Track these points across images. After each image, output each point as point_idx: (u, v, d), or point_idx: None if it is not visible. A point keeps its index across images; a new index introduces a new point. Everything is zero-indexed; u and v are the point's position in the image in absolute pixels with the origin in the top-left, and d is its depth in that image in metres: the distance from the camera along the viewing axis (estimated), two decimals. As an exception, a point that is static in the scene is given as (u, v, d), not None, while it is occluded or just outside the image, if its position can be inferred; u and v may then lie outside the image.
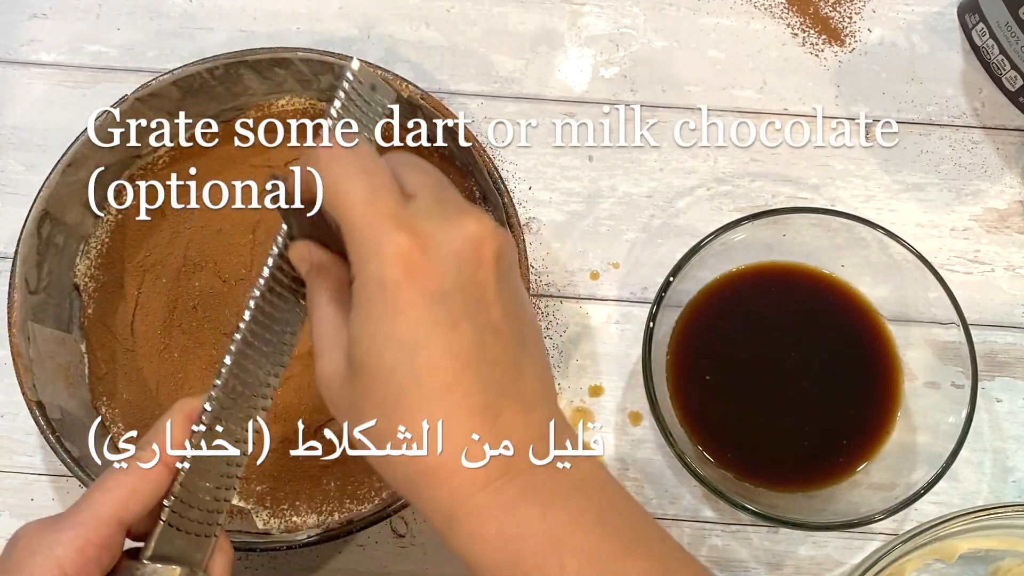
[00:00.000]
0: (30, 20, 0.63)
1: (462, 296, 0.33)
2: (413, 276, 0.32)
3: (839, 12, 0.64)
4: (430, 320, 0.32)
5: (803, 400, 0.55)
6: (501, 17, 0.63)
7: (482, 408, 0.33)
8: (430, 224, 0.33)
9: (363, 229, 0.33)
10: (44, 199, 0.53)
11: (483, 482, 0.32)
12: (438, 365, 0.32)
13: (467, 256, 0.33)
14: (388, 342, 0.32)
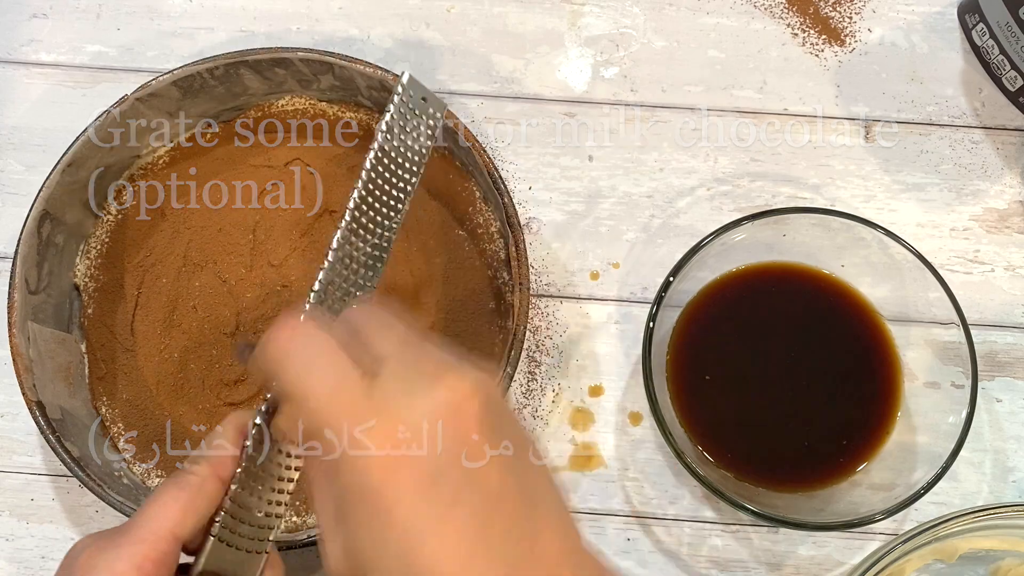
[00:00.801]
0: (30, 20, 0.63)
1: (452, 475, 0.30)
2: (395, 472, 0.30)
3: (839, 12, 0.64)
4: (423, 513, 0.30)
5: (803, 400, 0.55)
6: (501, 17, 0.63)
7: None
8: (404, 406, 0.31)
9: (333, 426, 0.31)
10: (44, 199, 0.53)
11: None
12: (442, 555, 0.30)
13: (447, 426, 0.31)
14: (384, 542, 0.30)
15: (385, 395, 0.31)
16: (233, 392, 0.55)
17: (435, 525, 0.30)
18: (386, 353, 0.32)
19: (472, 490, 0.31)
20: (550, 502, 0.33)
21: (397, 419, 0.31)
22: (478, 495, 0.31)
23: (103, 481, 0.50)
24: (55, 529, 0.55)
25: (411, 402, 0.31)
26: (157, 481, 0.54)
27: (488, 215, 0.56)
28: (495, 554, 0.30)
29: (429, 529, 0.30)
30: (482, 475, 0.31)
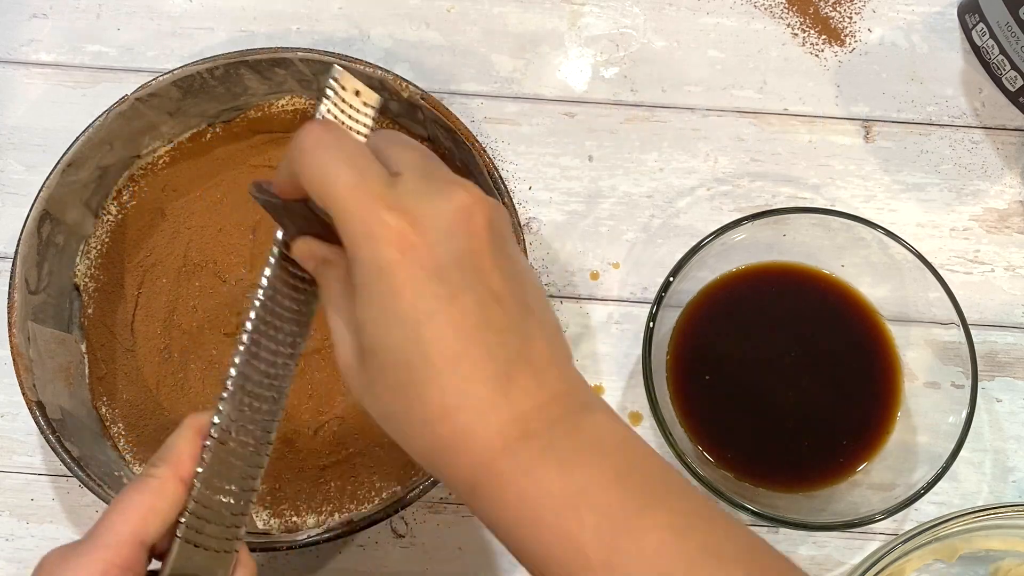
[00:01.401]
0: (30, 20, 0.63)
1: (458, 268, 0.33)
2: (407, 254, 0.32)
3: (839, 12, 0.64)
4: (429, 295, 0.32)
5: (803, 400, 0.55)
6: (501, 17, 0.63)
7: (493, 376, 0.33)
8: (418, 201, 0.33)
9: (352, 215, 0.33)
10: (44, 199, 0.53)
11: (500, 447, 0.32)
12: (443, 339, 0.32)
13: (458, 228, 0.33)
14: (391, 323, 0.32)
15: (406, 190, 0.33)
16: (233, 392, 0.55)
17: (439, 309, 0.32)
18: (407, 163, 0.34)
19: (475, 286, 0.33)
20: (544, 314, 0.35)
21: (415, 210, 0.33)
22: (480, 292, 0.33)
23: (103, 481, 0.50)
24: (55, 529, 0.55)
25: (429, 199, 0.33)
26: (157, 481, 0.54)
27: (488, 215, 0.56)
28: (491, 345, 0.33)
29: (433, 312, 0.32)
30: (486, 274, 0.33)
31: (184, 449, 0.36)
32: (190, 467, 0.36)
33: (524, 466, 0.32)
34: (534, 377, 0.33)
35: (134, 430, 0.54)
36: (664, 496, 0.33)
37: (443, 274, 0.32)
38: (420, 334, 0.32)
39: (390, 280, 0.32)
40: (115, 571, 0.34)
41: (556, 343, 0.35)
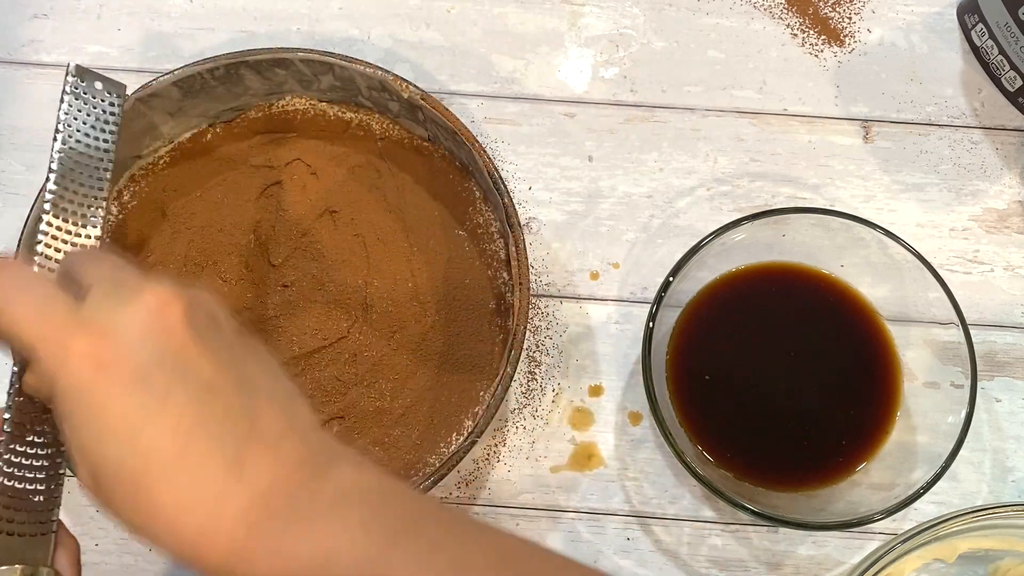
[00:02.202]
0: (31, 21, 0.63)
1: (161, 370, 0.32)
2: (104, 371, 0.32)
3: (839, 12, 0.64)
4: (137, 403, 0.32)
5: (803, 400, 0.55)
6: (501, 17, 0.63)
7: (222, 466, 0.32)
8: (105, 315, 0.33)
9: (39, 349, 0.32)
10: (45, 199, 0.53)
11: (244, 534, 0.32)
12: (160, 444, 0.32)
13: (154, 329, 0.33)
14: (105, 443, 0.32)
15: (92, 308, 0.33)
16: (233, 392, 0.55)
17: (149, 416, 0.32)
18: (95, 277, 0.34)
19: (184, 383, 0.33)
20: (268, 384, 0.35)
21: (102, 328, 0.32)
22: (191, 386, 0.33)
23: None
24: (56, 529, 0.55)
25: (116, 310, 0.33)
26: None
27: (488, 215, 0.56)
28: (214, 434, 0.32)
29: (143, 420, 0.32)
30: (193, 369, 0.33)
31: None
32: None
33: (271, 546, 0.32)
34: (268, 452, 0.33)
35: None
36: (411, 528, 0.33)
37: (147, 380, 0.32)
38: (136, 446, 0.32)
39: (91, 401, 0.32)
40: None
41: (290, 411, 0.35)
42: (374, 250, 0.56)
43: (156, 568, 0.54)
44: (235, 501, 0.32)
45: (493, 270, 0.56)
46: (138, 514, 0.33)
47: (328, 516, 0.33)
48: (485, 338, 0.55)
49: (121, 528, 0.34)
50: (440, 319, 0.55)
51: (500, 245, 0.56)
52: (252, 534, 0.32)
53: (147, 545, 0.34)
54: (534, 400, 0.57)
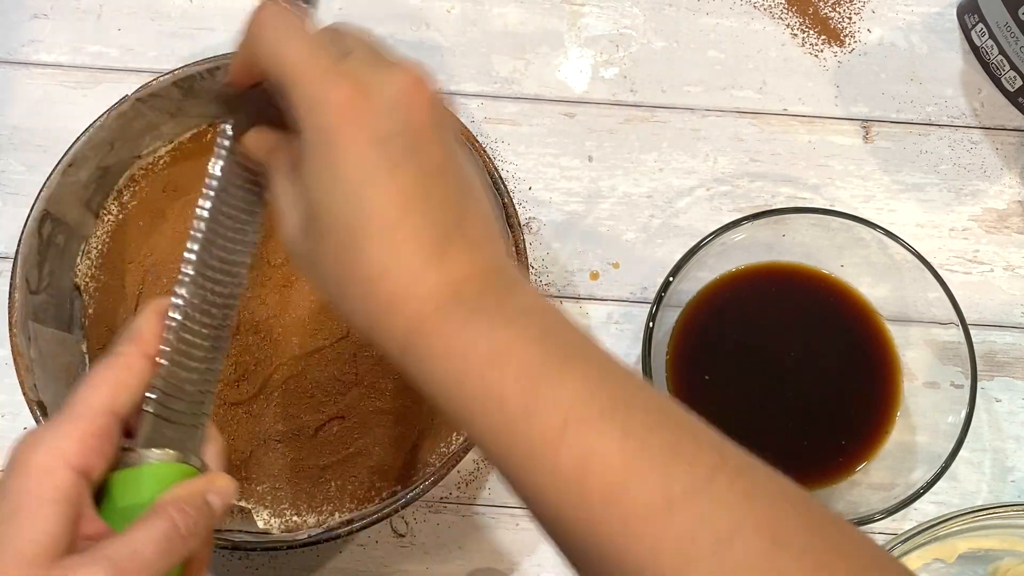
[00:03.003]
0: (31, 20, 0.63)
1: (402, 139, 0.34)
2: (353, 121, 0.33)
3: (839, 12, 0.64)
4: (373, 160, 0.33)
5: (803, 400, 0.55)
6: (501, 17, 0.63)
7: (429, 244, 0.34)
8: (366, 74, 0.34)
9: (303, 83, 0.34)
10: (45, 199, 0.53)
11: (432, 309, 0.33)
12: (383, 204, 0.33)
13: (403, 101, 0.34)
14: (335, 184, 0.34)
15: (355, 63, 0.35)
16: (234, 391, 0.55)
17: (380, 175, 0.33)
18: (358, 44, 0.36)
19: (418, 158, 0.34)
20: (479, 194, 0.37)
21: (360, 83, 0.34)
22: (422, 164, 0.34)
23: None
24: (56, 529, 0.55)
25: (376, 72, 0.34)
26: (158, 481, 0.54)
27: (488, 215, 0.56)
28: (428, 214, 0.34)
29: (374, 177, 0.33)
30: (428, 149, 0.34)
31: (147, 329, 0.38)
32: (154, 345, 0.38)
33: (453, 326, 0.33)
34: (468, 251, 0.35)
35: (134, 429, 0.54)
36: (582, 355, 0.34)
37: (386, 143, 0.34)
38: (361, 197, 0.33)
39: (335, 143, 0.33)
40: (92, 440, 0.35)
41: (490, 224, 0.37)
42: (374, 250, 0.56)
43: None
44: (430, 281, 0.34)
45: (493, 270, 0.56)
46: (339, 263, 0.34)
47: (509, 321, 0.34)
48: (485, 338, 0.55)
49: (309, 277, 0.36)
50: (440, 319, 0.55)
51: (500, 245, 0.56)
52: (437, 314, 0.33)
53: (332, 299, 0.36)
54: (534, 400, 0.57)
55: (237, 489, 0.38)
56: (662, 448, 0.32)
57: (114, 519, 0.35)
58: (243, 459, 0.54)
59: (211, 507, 0.37)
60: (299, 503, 0.54)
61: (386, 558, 0.55)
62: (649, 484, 0.31)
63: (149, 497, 0.36)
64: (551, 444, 0.32)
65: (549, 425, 0.32)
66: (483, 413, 0.33)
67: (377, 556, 0.55)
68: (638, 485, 0.31)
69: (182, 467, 0.37)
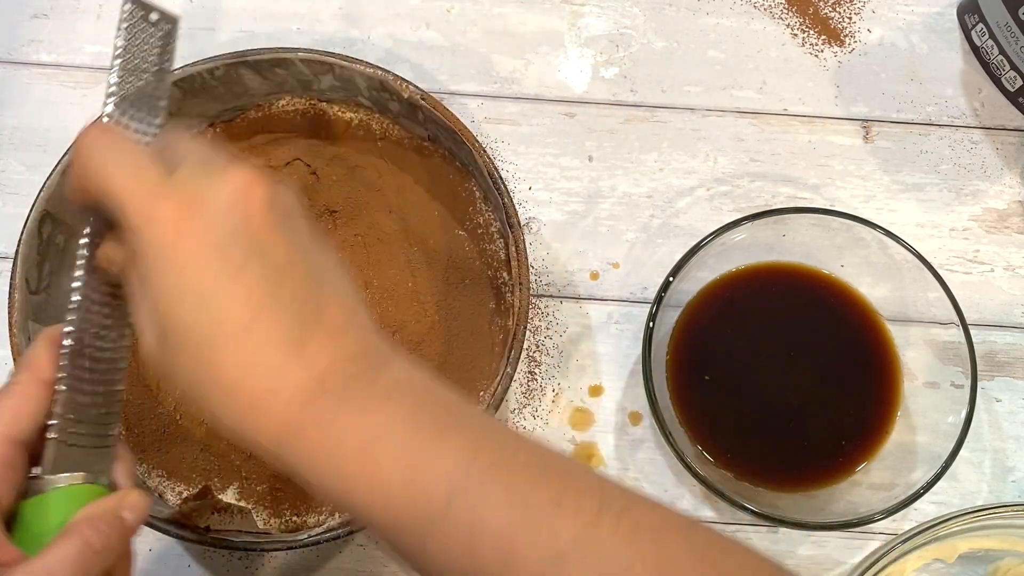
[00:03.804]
0: (31, 20, 0.63)
1: (240, 243, 0.34)
2: (187, 234, 0.34)
3: (839, 12, 0.64)
4: (215, 268, 0.34)
5: (803, 400, 0.55)
6: (501, 17, 0.63)
7: (285, 341, 0.34)
8: (195, 184, 0.34)
9: (131, 206, 0.34)
10: (45, 199, 0.53)
11: (299, 406, 0.34)
12: (231, 309, 0.34)
13: (237, 205, 0.34)
14: (180, 298, 0.34)
15: (182, 177, 0.35)
16: (233, 392, 0.55)
17: (225, 282, 0.34)
18: (187, 153, 0.36)
19: (260, 259, 0.34)
20: (335, 282, 0.37)
21: (190, 196, 0.34)
22: (266, 264, 0.34)
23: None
24: (56, 529, 0.55)
25: (205, 182, 0.35)
26: (159, 481, 0.54)
27: (488, 215, 0.56)
28: (280, 313, 0.34)
29: (220, 285, 0.34)
30: (270, 248, 0.35)
31: (41, 356, 0.38)
32: (49, 371, 0.38)
33: (322, 420, 0.34)
34: (328, 339, 0.35)
35: (134, 430, 0.54)
36: (456, 425, 0.34)
37: (224, 250, 0.34)
38: (209, 306, 0.34)
39: (172, 259, 0.34)
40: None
41: (353, 309, 0.37)
42: (374, 250, 0.56)
43: (155, 568, 0.54)
44: (293, 377, 0.34)
45: (493, 270, 0.56)
46: (199, 378, 0.34)
47: (380, 403, 0.34)
48: (485, 338, 0.55)
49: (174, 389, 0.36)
50: (440, 319, 0.55)
51: (500, 245, 0.56)
52: (305, 409, 0.34)
53: (202, 409, 0.36)
54: (534, 400, 0.57)
55: (150, 503, 0.38)
56: (545, 503, 0.32)
57: (28, 545, 0.36)
58: (243, 459, 0.54)
59: (125, 522, 0.37)
60: (299, 503, 0.53)
61: (386, 558, 0.55)
62: (538, 541, 0.32)
63: (60, 520, 0.36)
64: (438, 518, 0.32)
65: (434, 501, 0.32)
66: (367, 500, 0.33)
67: (377, 556, 0.55)
68: (527, 544, 0.32)
69: (92, 488, 0.38)
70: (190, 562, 0.55)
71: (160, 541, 0.54)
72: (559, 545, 0.31)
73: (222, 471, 0.54)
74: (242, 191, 0.34)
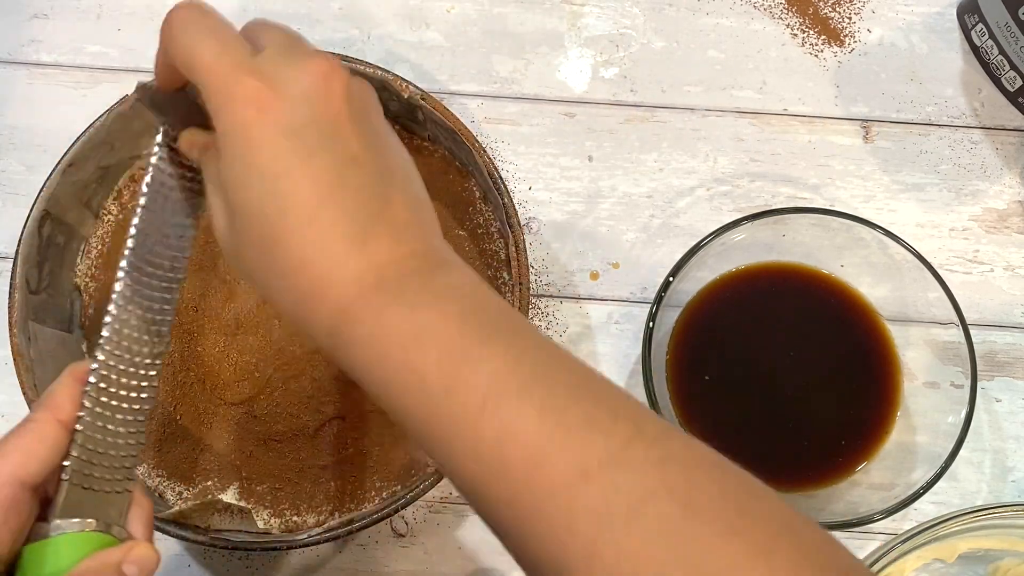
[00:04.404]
0: (31, 21, 0.63)
1: (316, 129, 0.34)
2: (265, 113, 0.34)
3: (839, 12, 0.64)
4: (286, 152, 0.34)
5: (803, 400, 0.55)
6: (501, 17, 0.63)
7: (350, 231, 0.34)
8: (278, 67, 0.35)
9: (215, 81, 0.34)
10: (45, 199, 0.53)
11: (355, 294, 0.34)
12: (300, 194, 0.34)
13: (316, 92, 0.35)
14: (250, 178, 0.34)
15: (267, 58, 0.35)
16: (234, 391, 0.55)
17: (295, 166, 0.34)
18: (272, 39, 0.36)
19: (333, 148, 0.35)
20: (405, 180, 0.37)
21: (272, 77, 0.34)
22: (337, 153, 0.35)
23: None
24: (56, 529, 0.55)
25: (288, 65, 0.35)
26: (159, 481, 0.54)
27: (488, 215, 0.56)
28: (347, 202, 0.34)
29: (290, 168, 0.34)
30: (344, 138, 0.35)
31: (62, 394, 0.37)
32: (70, 411, 0.37)
33: (376, 309, 0.34)
34: (391, 235, 0.35)
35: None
36: (504, 333, 0.34)
37: (300, 133, 0.34)
38: (278, 189, 0.34)
39: (248, 138, 0.34)
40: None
41: (418, 208, 0.37)
42: (374, 250, 0.56)
43: (156, 568, 0.55)
44: (352, 267, 0.34)
45: (493, 270, 0.56)
46: (263, 255, 0.35)
47: (432, 301, 0.34)
48: (485, 338, 0.55)
49: (239, 269, 0.36)
50: (440, 319, 0.55)
51: (500, 245, 0.56)
52: (360, 298, 0.34)
53: (260, 290, 0.36)
54: (534, 400, 0.57)
55: (157, 558, 0.37)
56: (579, 421, 0.32)
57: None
58: (243, 459, 0.54)
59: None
60: (299, 503, 0.54)
61: (386, 558, 0.55)
62: (565, 457, 0.31)
63: (63, 568, 0.35)
64: (471, 421, 0.32)
65: (469, 403, 0.32)
66: (404, 392, 0.34)
67: (377, 556, 0.55)
68: (555, 458, 0.32)
69: (100, 536, 0.36)
70: (190, 562, 0.55)
71: (160, 541, 0.54)
72: (586, 463, 0.31)
73: (222, 471, 0.54)
74: (323, 79, 0.35)
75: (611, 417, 0.33)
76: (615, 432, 0.32)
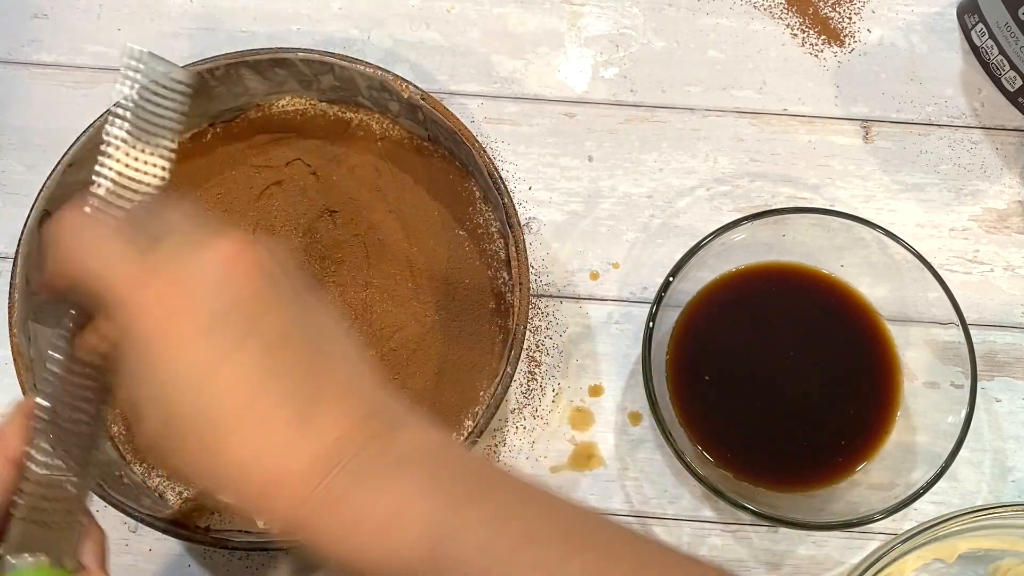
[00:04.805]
0: (31, 21, 0.63)
1: (237, 316, 0.33)
2: (177, 318, 0.32)
3: (839, 12, 0.64)
4: (207, 350, 0.32)
5: (803, 400, 0.55)
6: (501, 17, 0.63)
7: (292, 418, 0.33)
8: (179, 262, 0.33)
9: (118, 295, 0.33)
10: (45, 199, 0.53)
11: (314, 483, 0.32)
12: (229, 393, 0.32)
13: (228, 277, 0.33)
14: (178, 390, 0.32)
15: (165, 255, 0.33)
16: (233, 392, 0.55)
17: (220, 363, 0.32)
18: (168, 225, 0.35)
19: (255, 334, 0.33)
20: (335, 343, 0.35)
21: (175, 275, 0.33)
22: (261, 338, 0.33)
23: (103, 481, 0.50)
24: (56, 529, 0.55)
25: (189, 257, 0.33)
26: (158, 481, 0.54)
27: (488, 215, 0.56)
28: (281, 388, 0.32)
29: (215, 367, 0.32)
30: (263, 321, 0.33)
31: (10, 431, 0.36)
32: (18, 448, 0.36)
33: (340, 496, 0.32)
34: (335, 408, 0.33)
35: (134, 430, 0.54)
36: (480, 491, 0.33)
37: (220, 326, 0.32)
38: (205, 394, 0.32)
39: (165, 347, 0.32)
40: None
41: (357, 369, 0.35)
42: (374, 250, 0.56)
43: (155, 568, 0.54)
44: (302, 455, 0.32)
45: (493, 270, 0.56)
46: (207, 463, 0.33)
47: (396, 474, 0.33)
48: (485, 338, 0.55)
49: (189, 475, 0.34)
50: (440, 319, 0.55)
51: (500, 245, 0.56)
52: (319, 489, 0.32)
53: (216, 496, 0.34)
54: (534, 400, 0.57)
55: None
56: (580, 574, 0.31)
57: None
58: (243, 459, 0.54)
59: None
60: (299, 503, 0.53)
61: (386, 558, 0.55)
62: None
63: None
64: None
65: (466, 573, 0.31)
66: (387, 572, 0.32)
67: (377, 556, 0.55)
68: None
69: (52, 572, 0.36)
70: (190, 562, 0.55)
71: (160, 541, 0.54)
72: None
73: (222, 471, 0.54)
74: (230, 260, 0.33)
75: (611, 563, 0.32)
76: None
